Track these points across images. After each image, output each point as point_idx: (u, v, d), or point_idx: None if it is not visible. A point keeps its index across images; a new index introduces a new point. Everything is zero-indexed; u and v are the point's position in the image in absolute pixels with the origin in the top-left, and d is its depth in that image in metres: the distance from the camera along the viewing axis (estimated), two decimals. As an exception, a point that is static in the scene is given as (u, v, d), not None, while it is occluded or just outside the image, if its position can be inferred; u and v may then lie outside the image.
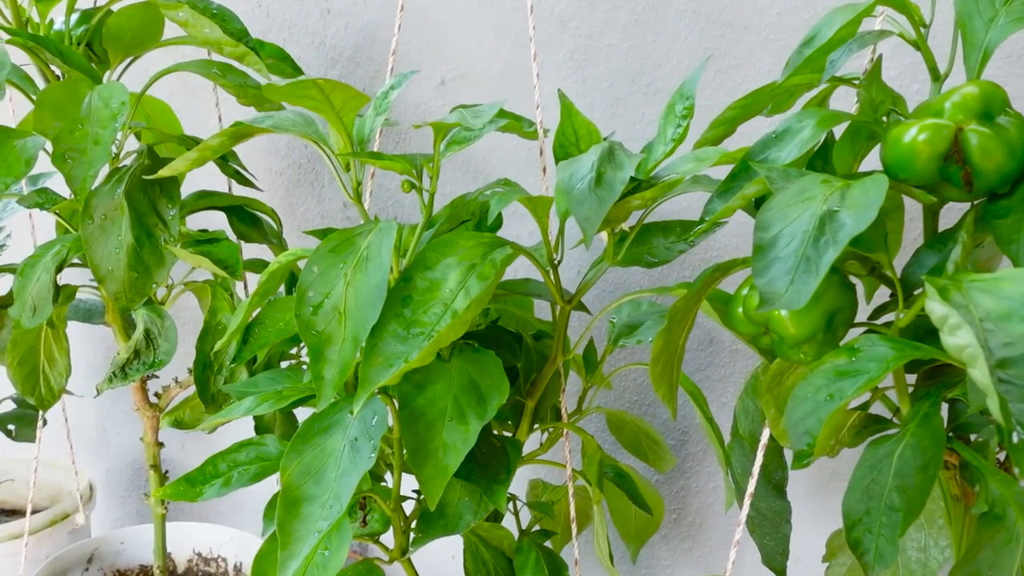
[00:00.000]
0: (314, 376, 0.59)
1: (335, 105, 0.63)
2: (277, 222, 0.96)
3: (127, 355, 0.86)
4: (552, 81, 1.08)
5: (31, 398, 1.00)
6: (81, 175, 0.74)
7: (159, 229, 0.83)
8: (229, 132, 0.68)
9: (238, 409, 0.69)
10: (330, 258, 0.61)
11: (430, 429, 0.62)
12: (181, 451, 1.51)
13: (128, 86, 0.79)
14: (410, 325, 0.59)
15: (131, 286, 0.83)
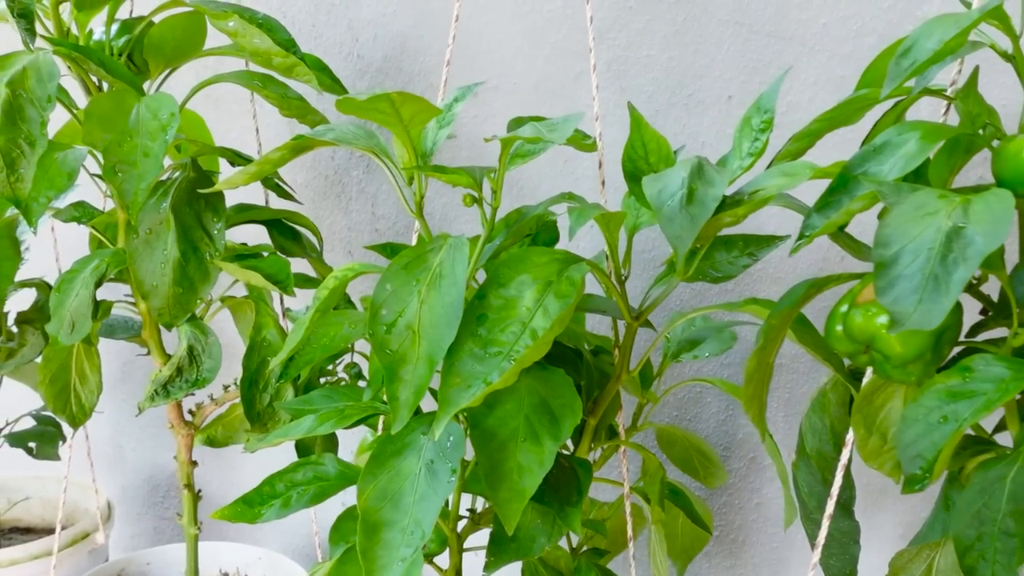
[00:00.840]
0: (389, 397, 0.58)
1: (404, 118, 0.62)
2: (317, 236, 0.94)
3: (169, 372, 0.84)
4: (589, 92, 1.07)
5: (62, 416, 0.98)
6: (132, 188, 0.72)
7: (204, 244, 0.81)
8: (290, 145, 0.67)
9: (298, 428, 0.68)
10: (403, 275, 0.60)
11: (503, 450, 0.60)
12: (199, 467, 1.48)
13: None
14: (487, 344, 0.57)
15: (176, 302, 0.82)
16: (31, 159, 0.70)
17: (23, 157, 0.70)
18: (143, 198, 0.72)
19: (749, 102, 0.98)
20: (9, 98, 0.69)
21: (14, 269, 0.94)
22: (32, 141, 0.70)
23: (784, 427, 1.01)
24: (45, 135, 0.70)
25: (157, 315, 0.82)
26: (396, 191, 0.69)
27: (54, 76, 0.71)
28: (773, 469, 1.03)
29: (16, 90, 0.70)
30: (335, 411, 0.68)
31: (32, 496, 1.36)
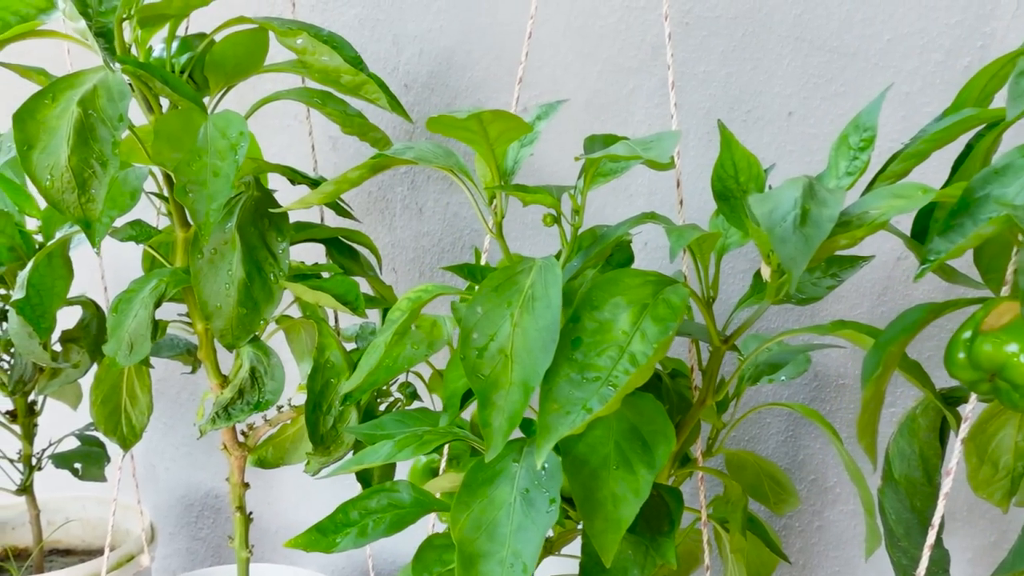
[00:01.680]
0: (481, 423, 0.56)
1: (490, 136, 0.61)
2: (376, 254, 0.93)
3: (231, 395, 0.83)
4: (643, 108, 1.06)
5: (113, 438, 0.97)
6: (204, 209, 0.71)
7: (269, 264, 0.80)
8: (369, 164, 0.66)
9: (376, 454, 0.66)
10: (494, 298, 0.58)
11: (595, 478, 0.59)
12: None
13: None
14: (583, 369, 0.56)
15: (239, 323, 0.80)
16: (103, 179, 0.69)
17: (95, 177, 0.69)
18: (215, 218, 0.70)
19: (810, 119, 0.97)
20: (81, 118, 0.68)
21: (67, 288, 0.93)
22: (104, 161, 0.68)
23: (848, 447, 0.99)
24: (117, 155, 0.69)
25: (219, 336, 0.81)
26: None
27: (125, 95, 0.70)
28: (835, 492, 1.01)
29: (87, 109, 0.69)
30: (413, 437, 0.66)
31: (71, 517, 1.34)
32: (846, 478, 1.00)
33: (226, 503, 1.47)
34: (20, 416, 1.15)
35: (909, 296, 0.94)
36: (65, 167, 0.68)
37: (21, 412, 1.15)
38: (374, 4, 1.21)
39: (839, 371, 0.98)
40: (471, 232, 1.19)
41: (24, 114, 0.68)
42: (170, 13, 0.78)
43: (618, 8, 1.06)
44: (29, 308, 0.88)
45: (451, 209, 1.20)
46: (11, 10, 0.82)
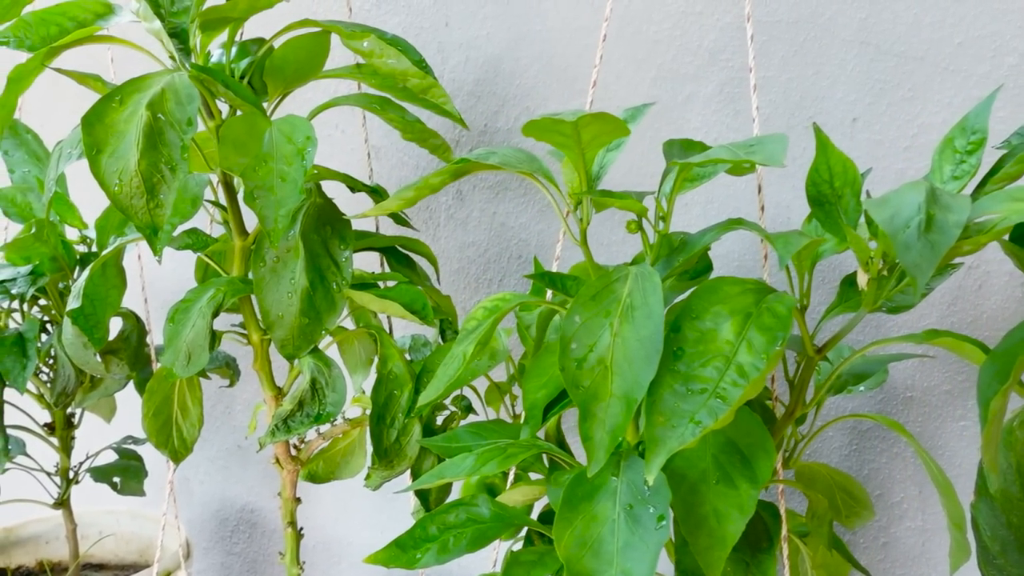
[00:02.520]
0: (583, 436, 0.54)
1: (583, 140, 0.59)
2: (434, 264, 0.91)
3: (291, 407, 0.81)
4: (700, 115, 1.04)
5: (164, 451, 0.94)
6: (272, 215, 0.69)
7: (332, 272, 0.78)
8: (451, 170, 0.63)
9: (458, 468, 0.64)
10: (592, 307, 0.56)
11: (695, 493, 0.56)
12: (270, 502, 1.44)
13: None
14: (687, 380, 0.54)
15: (301, 333, 0.78)
16: (171, 185, 0.67)
17: (163, 182, 0.67)
18: (284, 225, 0.68)
19: (876, 125, 0.95)
20: (150, 121, 0.66)
21: (120, 298, 0.91)
22: (173, 166, 0.66)
23: (915, 462, 0.97)
24: (186, 159, 0.67)
25: (280, 347, 0.79)
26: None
27: (193, 98, 0.68)
28: (902, 507, 0.98)
29: (156, 113, 0.67)
30: (496, 450, 0.64)
31: (104, 531, 1.31)
32: (913, 493, 0.97)
33: (262, 517, 1.45)
34: (58, 429, 1.13)
35: (979, 306, 0.91)
36: (134, 172, 0.66)
37: (59, 425, 1.13)
38: (418, 12, 1.19)
39: (906, 383, 0.95)
40: (518, 243, 1.17)
41: (92, 118, 0.66)
42: (233, 16, 0.76)
43: (673, 13, 1.04)
44: (83, 318, 0.86)
45: (498, 219, 1.18)
46: (69, 15, 0.81)
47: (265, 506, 1.44)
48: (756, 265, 1.00)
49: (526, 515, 0.68)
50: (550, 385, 0.67)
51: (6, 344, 0.97)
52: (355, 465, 1.01)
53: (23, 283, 1.00)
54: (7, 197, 1.08)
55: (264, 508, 1.44)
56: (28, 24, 0.81)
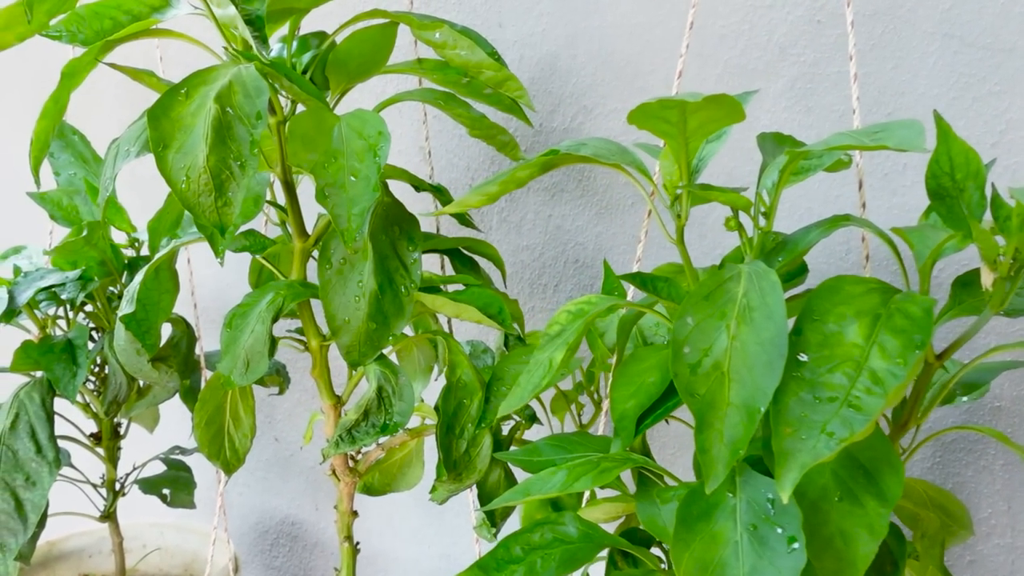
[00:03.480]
0: (699, 448, 0.49)
1: (688, 128, 0.55)
2: (501, 267, 0.87)
3: (355, 416, 0.77)
4: (769, 112, 1.00)
5: (216, 462, 0.91)
6: (344, 213, 0.65)
7: (400, 275, 0.74)
8: (539, 162, 0.60)
9: (547, 484, 0.59)
10: (705, 307, 0.52)
11: (817, 512, 0.52)
12: (315, 514, 1.40)
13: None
14: (814, 387, 0.49)
15: (368, 338, 0.74)
16: (240, 182, 0.63)
17: (232, 179, 0.63)
18: (357, 224, 0.65)
19: (960, 120, 0.90)
20: (219, 114, 0.63)
21: (172, 303, 0.87)
22: (243, 162, 0.63)
23: (1003, 476, 0.92)
24: (256, 156, 0.63)
25: (346, 353, 0.75)
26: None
27: (262, 91, 0.65)
28: (989, 523, 0.93)
29: (225, 106, 0.63)
30: (588, 464, 0.59)
31: (148, 544, 1.28)
32: (1002, 508, 0.92)
33: (303, 531, 1.41)
34: (105, 439, 1.10)
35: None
36: (203, 168, 0.62)
37: (106, 435, 1.10)
38: (470, 9, 1.16)
39: (995, 392, 0.90)
40: (575, 246, 1.13)
41: (158, 111, 0.63)
42: (298, 6, 0.73)
43: (740, 7, 1.00)
44: (135, 323, 0.83)
45: (553, 222, 1.14)
46: (123, 9, 0.78)
47: (307, 519, 1.40)
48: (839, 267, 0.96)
49: (617, 535, 0.63)
50: (640, 394, 0.63)
51: (55, 351, 0.93)
52: (412, 477, 0.97)
53: (72, 288, 0.96)
54: (54, 200, 1.05)
55: (306, 521, 1.40)
56: (81, 18, 0.78)
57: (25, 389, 0.93)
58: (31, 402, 0.91)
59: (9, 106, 1.69)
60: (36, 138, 0.77)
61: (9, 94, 1.68)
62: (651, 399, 0.62)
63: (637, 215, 1.09)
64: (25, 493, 0.88)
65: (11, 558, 0.87)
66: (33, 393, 0.92)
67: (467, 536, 1.25)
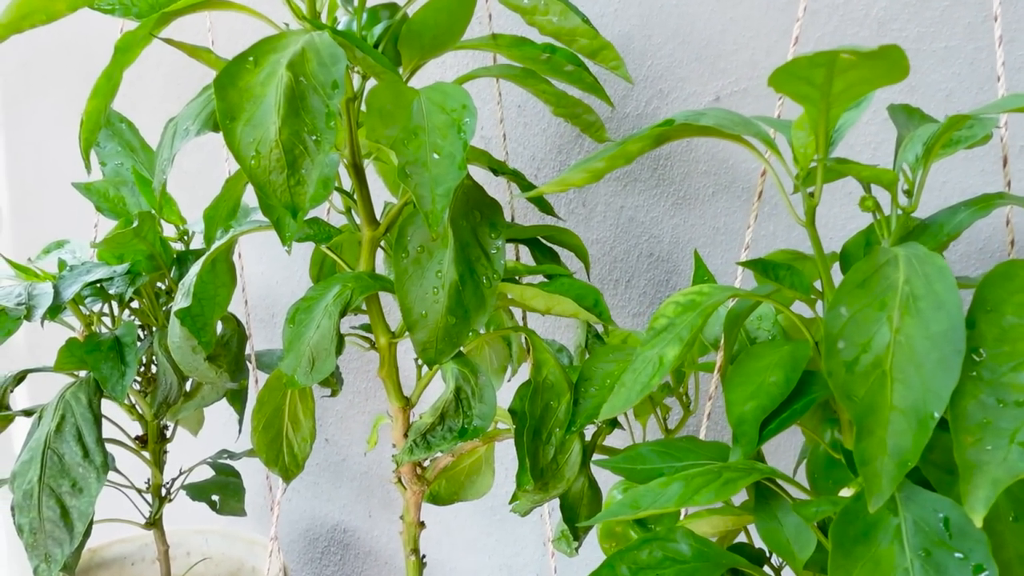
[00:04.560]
0: (859, 460, 0.42)
1: (833, 91, 0.47)
2: (585, 258, 0.80)
3: (431, 420, 0.70)
4: (865, 93, 0.92)
5: (274, 469, 0.85)
6: (427, 194, 0.58)
7: (482, 264, 0.68)
8: (652, 134, 0.53)
9: (660, 497, 0.52)
10: (861, 296, 0.45)
11: (988, 534, 0.44)
12: (368, 522, 1.34)
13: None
14: (996, 389, 0.42)
15: (446, 334, 0.68)
16: (315, 158, 0.57)
17: (306, 155, 0.57)
18: (442, 205, 0.58)
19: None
20: (291, 83, 0.57)
21: (229, 297, 0.81)
22: (318, 137, 0.57)
23: None
24: (332, 130, 0.57)
25: (421, 350, 0.68)
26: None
27: (338, 59, 0.58)
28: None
29: (298, 75, 0.57)
30: (709, 474, 0.52)
31: (192, 552, 1.22)
32: None
33: (355, 539, 1.35)
34: (151, 442, 1.04)
35: None
36: (274, 142, 0.56)
37: (152, 438, 1.04)
38: (535, -12, 1.09)
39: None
40: (649, 239, 1.06)
41: (225, 80, 0.57)
42: (371, -29, 0.66)
43: (834, -21, 0.92)
44: (190, 319, 0.77)
45: (626, 213, 1.07)
46: (180, -22, 0.72)
47: (359, 526, 1.34)
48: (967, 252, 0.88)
49: (734, 554, 0.56)
50: (761, 396, 0.55)
51: (102, 350, 0.88)
52: (482, 485, 0.90)
53: (121, 283, 0.91)
54: (99, 191, 1.00)
55: (358, 528, 1.34)
56: (136, -11, 0.72)
57: (71, 389, 0.87)
58: (77, 403, 0.86)
59: (54, 101, 1.65)
60: (87, 118, 0.72)
61: (54, 89, 1.64)
62: (774, 401, 0.55)
63: (717, 206, 1.02)
64: (71, 500, 0.82)
65: (56, 570, 0.82)
66: (80, 394, 0.87)
67: (531, 547, 1.18)
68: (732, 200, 1.01)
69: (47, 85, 1.64)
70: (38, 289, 0.87)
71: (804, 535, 0.56)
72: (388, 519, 1.31)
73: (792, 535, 0.56)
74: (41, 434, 0.83)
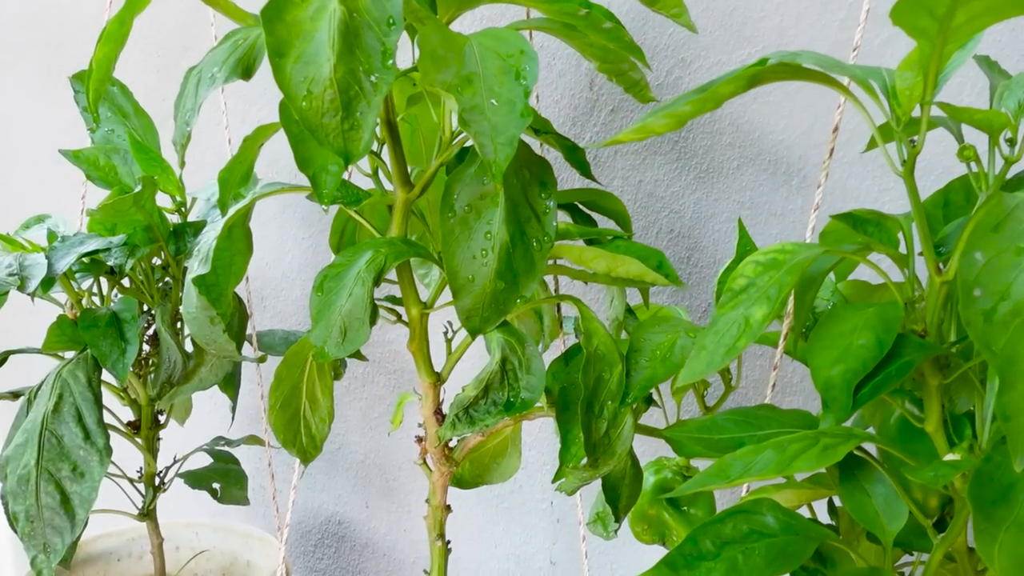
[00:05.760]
0: (1001, 415, 0.39)
1: (952, 24, 0.44)
2: (628, 224, 0.76)
3: (475, 392, 0.66)
4: (894, 60, 0.89)
5: (292, 450, 0.80)
6: (488, 143, 0.54)
7: (532, 226, 0.63)
8: (746, 75, 0.49)
9: (752, 466, 0.49)
10: (996, 241, 0.41)
11: None
12: (366, 512, 1.29)
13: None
14: None
15: (493, 300, 0.63)
16: (372, 100, 0.52)
17: (362, 97, 0.52)
18: (505, 154, 0.54)
19: None
20: (345, 18, 0.52)
21: (245, 265, 0.76)
22: (376, 76, 0.52)
23: None
24: (390, 69, 0.52)
25: (465, 317, 0.64)
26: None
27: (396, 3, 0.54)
28: None
29: (351, 9, 0.52)
30: (805, 439, 0.49)
31: (181, 546, 1.16)
32: None
33: (350, 530, 1.29)
34: (144, 427, 0.98)
35: None
36: (328, 80, 0.51)
37: (145, 422, 0.98)
38: (548, -47, 1.05)
39: None
40: (670, 214, 1.02)
41: (271, 13, 0.52)
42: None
43: (868, -58, 0.89)
44: (206, 288, 0.72)
45: (645, 188, 1.04)
46: (199, -85, 0.66)
47: (355, 517, 1.29)
48: None
49: (824, 527, 0.53)
50: (849, 359, 0.52)
51: (100, 326, 0.82)
52: (508, 467, 0.86)
53: (119, 254, 0.85)
54: (89, 159, 0.94)
55: (354, 520, 1.29)
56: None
57: (68, 367, 0.81)
58: (76, 382, 0.80)
59: (20, 74, 1.56)
60: (97, 67, 0.66)
61: (20, 61, 1.56)
62: (864, 365, 0.51)
63: (742, 179, 0.98)
64: (72, 486, 0.76)
65: (55, 560, 0.76)
66: (78, 372, 0.80)
67: (540, 534, 1.14)
68: (758, 173, 0.98)
69: (13, 57, 1.56)
70: (30, 260, 0.81)
71: (895, 506, 0.53)
72: (386, 509, 1.26)
73: (882, 507, 0.53)
74: (37, 415, 0.77)
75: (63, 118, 1.45)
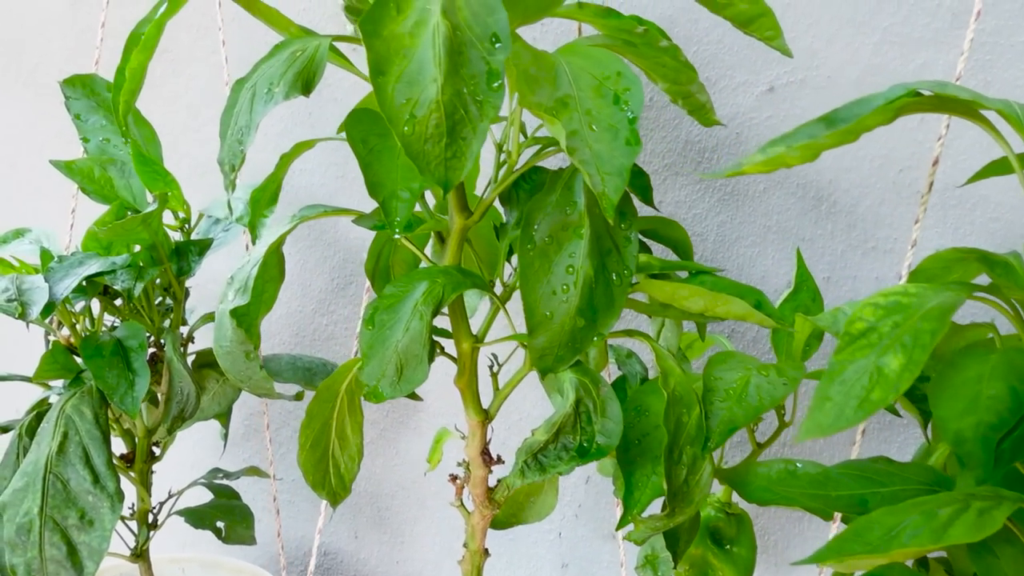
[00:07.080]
0: None
1: None
2: (689, 252, 0.72)
3: (545, 437, 0.61)
4: (937, 87, 0.88)
5: (322, 492, 0.74)
6: (594, 172, 0.50)
7: (613, 259, 0.59)
8: (894, 107, 0.45)
9: (904, 534, 0.45)
10: None
11: None
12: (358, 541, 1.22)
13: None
14: None
15: (570, 339, 0.59)
16: (477, 125, 0.47)
17: (468, 123, 0.47)
18: (615, 186, 0.49)
19: None
20: (450, 34, 0.47)
21: (276, 293, 0.70)
22: (482, 100, 0.47)
23: None
24: (497, 92, 0.47)
25: (538, 356, 0.59)
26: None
27: (494, 7, 0.49)
28: None
29: (454, 24, 0.47)
30: (953, 502, 0.45)
31: (168, 585, 1.08)
32: None
33: (339, 562, 1.23)
34: (138, 460, 0.91)
35: None
36: (434, 103, 0.46)
37: (140, 456, 0.90)
38: (567, -36, 1.01)
39: None
40: (692, 237, 0.99)
41: (368, 27, 0.46)
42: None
43: (904, -34, 0.88)
44: (239, 320, 0.65)
45: (665, 209, 1.00)
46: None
47: (343, 548, 1.22)
48: None
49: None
50: (980, 411, 0.49)
51: (104, 355, 0.75)
52: (544, 506, 0.82)
53: (125, 277, 0.78)
54: (83, 171, 0.86)
55: (342, 551, 1.22)
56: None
57: (71, 402, 0.73)
58: (81, 419, 0.72)
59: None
60: (131, 76, 0.60)
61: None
62: (1000, 416, 0.48)
63: (769, 203, 0.96)
64: (80, 535, 0.69)
65: (60, 618, 0.68)
66: (83, 407, 0.73)
67: (546, 568, 1.10)
68: (786, 197, 0.95)
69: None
70: (28, 283, 0.73)
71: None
72: (377, 539, 1.20)
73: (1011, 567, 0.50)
74: (39, 457, 0.69)
75: (21, 122, 1.35)
